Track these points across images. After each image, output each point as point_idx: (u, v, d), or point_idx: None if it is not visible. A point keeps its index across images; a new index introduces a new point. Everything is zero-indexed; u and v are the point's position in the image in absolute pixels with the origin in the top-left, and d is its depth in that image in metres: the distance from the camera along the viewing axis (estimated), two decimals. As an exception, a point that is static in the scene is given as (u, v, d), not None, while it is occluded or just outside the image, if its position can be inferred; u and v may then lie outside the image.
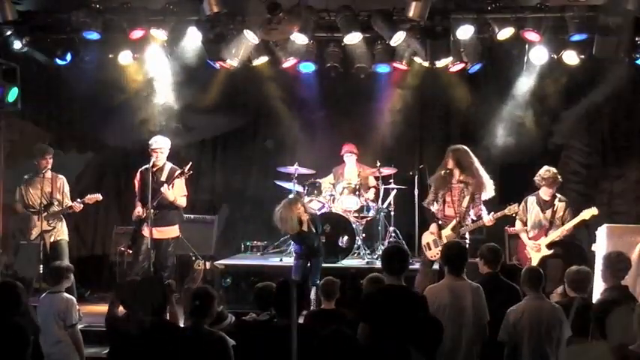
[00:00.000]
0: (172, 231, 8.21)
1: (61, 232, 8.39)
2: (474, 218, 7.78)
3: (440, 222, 7.85)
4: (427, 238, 7.92)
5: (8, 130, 9.16)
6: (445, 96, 9.98)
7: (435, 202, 7.90)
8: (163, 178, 8.03)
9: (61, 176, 8.42)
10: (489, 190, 7.77)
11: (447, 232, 7.76)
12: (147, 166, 8.03)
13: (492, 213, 7.73)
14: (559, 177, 7.84)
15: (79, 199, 8.31)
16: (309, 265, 8.11)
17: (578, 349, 4.45)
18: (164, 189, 7.82)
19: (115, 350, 5.06)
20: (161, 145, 8.10)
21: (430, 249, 7.88)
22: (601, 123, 10.06)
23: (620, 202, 9.83)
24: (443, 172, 7.83)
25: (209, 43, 8.34)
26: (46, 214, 8.20)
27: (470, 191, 7.72)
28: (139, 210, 8.10)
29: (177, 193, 7.98)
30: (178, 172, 7.89)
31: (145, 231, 7.98)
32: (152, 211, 7.90)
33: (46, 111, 10.39)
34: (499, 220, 8.51)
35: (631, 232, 6.71)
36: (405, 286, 5.31)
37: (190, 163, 7.92)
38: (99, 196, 8.42)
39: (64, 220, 8.44)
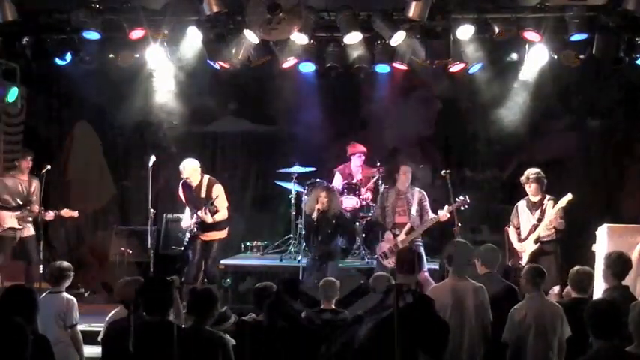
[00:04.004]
0: (220, 234, 8.43)
1: (28, 230, 8.44)
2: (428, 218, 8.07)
3: (395, 230, 8.14)
4: (383, 247, 8.16)
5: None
6: (445, 96, 9.97)
7: (382, 216, 8.25)
8: (203, 194, 8.24)
9: (36, 180, 8.46)
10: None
11: (401, 237, 8.08)
12: (186, 180, 8.30)
13: (447, 207, 7.85)
14: (543, 176, 7.81)
15: (51, 211, 8.40)
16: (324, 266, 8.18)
17: None
18: (201, 214, 8.09)
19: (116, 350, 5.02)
20: (189, 172, 8.27)
21: (387, 257, 8.11)
22: (601, 123, 10.07)
23: (619, 203, 9.83)
24: (388, 189, 8.47)
25: (209, 43, 8.34)
26: (18, 213, 8.30)
27: (415, 201, 8.12)
28: (188, 223, 8.35)
29: (217, 217, 8.20)
30: (206, 207, 8.07)
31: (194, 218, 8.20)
32: (195, 221, 8.20)
33: (46, 111, 10.39)
34: (499, 221, 8.51)
35: (631, 232, 6.68)
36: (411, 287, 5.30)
37: (215, 197, 8.08)
38: (75, 214, 8.61)
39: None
